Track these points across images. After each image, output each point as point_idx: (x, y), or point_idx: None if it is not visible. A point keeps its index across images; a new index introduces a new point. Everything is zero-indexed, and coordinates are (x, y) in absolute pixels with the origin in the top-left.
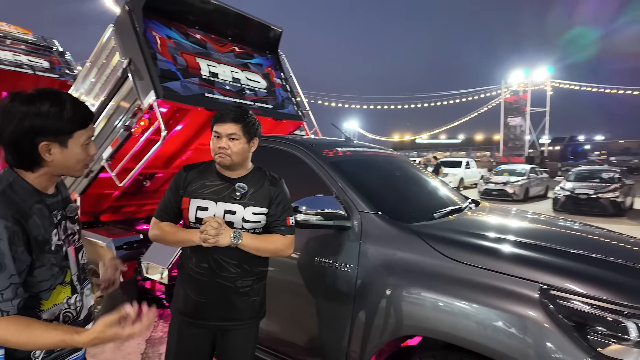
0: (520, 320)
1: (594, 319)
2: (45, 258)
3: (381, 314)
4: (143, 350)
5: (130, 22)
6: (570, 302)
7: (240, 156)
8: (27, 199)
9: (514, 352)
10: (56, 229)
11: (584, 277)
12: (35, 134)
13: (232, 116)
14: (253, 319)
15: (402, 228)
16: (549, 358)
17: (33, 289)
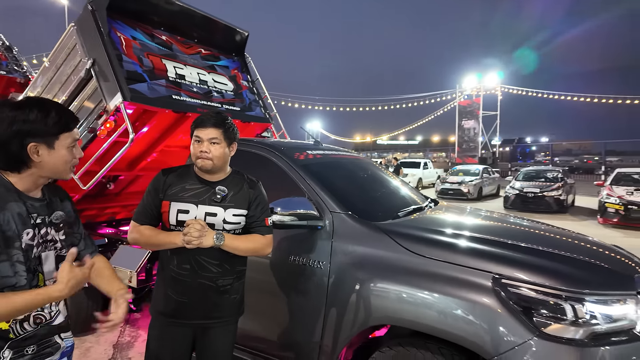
0: (475, 306)
1: (538, 303)
2: (9, 253)
3: (352, 307)
4: (111, 356)
5: (93, 21)
6: (518, 289)
7: (221, 160)
8: (4, 196)
9: (471, 336)
10: (31, 230)
11: (530, 267)
12: (23, 136)
13: (213, 121)
14: (233, 316)
15: (371, 226)
16: (501, 339)
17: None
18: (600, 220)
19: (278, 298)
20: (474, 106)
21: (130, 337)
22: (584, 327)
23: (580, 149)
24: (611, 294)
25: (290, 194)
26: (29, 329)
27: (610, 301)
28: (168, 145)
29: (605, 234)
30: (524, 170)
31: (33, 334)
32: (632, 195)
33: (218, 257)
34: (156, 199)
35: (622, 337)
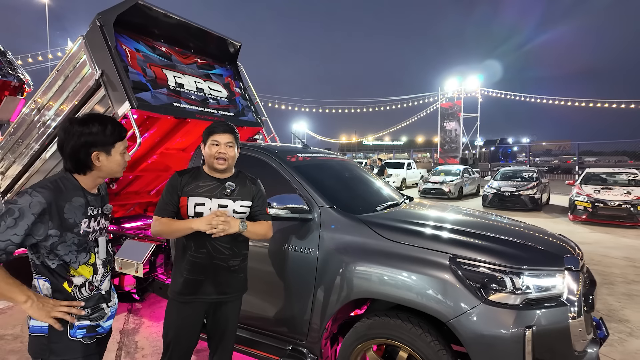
0: (436, 280)
1: (485, 276)
2: (67, 236)
3: (337, 285)
4: (119, 339)
5: (102, 36)
6: (469, 266)
7: (234, 160)
8: (71, 191)
9: (432, 304)
10: (87, 219)
11: (479, 248)
12: (89, 146)
13: (228, 128)
14: (240, 292)
15: (353, 218)
16: (455, 306)
17: (60, 257)
18: (570, 217)
19: (274, 281)
20: (455, 108)
21: (134, 324)
22: (520, 295)
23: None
24: (542, 269)
25: (284, 191)
26: (84, 293)
27: (541, 275)
28: (167, 148)
29: (574, 230)
30: (502, 170)
31: (88, 297)
32: (599, 194)
33: (229, 242)
34: (175, 196)
35: (551, 303)
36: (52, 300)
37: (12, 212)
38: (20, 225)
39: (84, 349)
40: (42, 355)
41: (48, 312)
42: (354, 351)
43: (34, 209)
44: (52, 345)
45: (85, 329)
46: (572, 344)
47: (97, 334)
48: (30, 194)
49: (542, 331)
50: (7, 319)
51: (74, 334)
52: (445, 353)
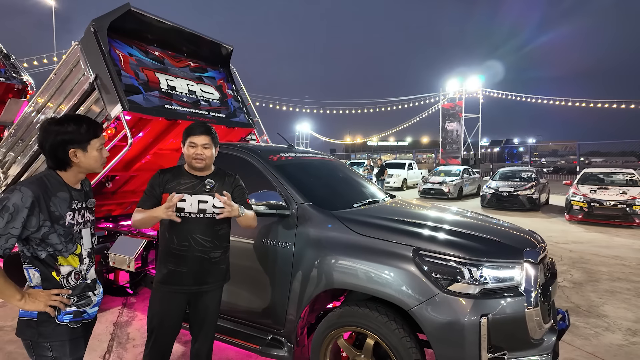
0: (400, 271)
1: (445, 267)
2: (55, 228)
3: (311, 277)
4: (112, 331)
5: (95, 41)
6: (431, 257)
7: (211, 159)
8: (56, 186)
9: (396, 293)
10: (72, 212)
11: (441, 241)
12: (66, 143)
13: (204, 130)
14: (221, 282)
15: (327, 214)
16: (416, 295)
17: (49, 247)
18: (567, 217)
19: (254, 274)
20: (457, 109)
21: (127, 317)
22: (477, 285)
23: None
24: (500, 262)
25: (265, 189)
26: (71, 282)
27: (500, 267)
28: (160, 149)
29: (569, 229)
30: (501, 170)
31: (75, 286)
32: (595, 194)
33: (210, 235)
34: (156, 190)
35: (508, 293)
36: (42, 292)
37: (8, 209)
38: (17, 219)
39: (70, 333)
40: (32, 338)
41: (45, 302)
42: (326, 338)
43: (26, 202)
44: (40, 328)
45: (71, 314)
46: (529, 332)
47: (83, 319)
48: (20, 190)
49: (498, 319)
50: (6, 311)
51: (60, 319)
52: (410, 340)
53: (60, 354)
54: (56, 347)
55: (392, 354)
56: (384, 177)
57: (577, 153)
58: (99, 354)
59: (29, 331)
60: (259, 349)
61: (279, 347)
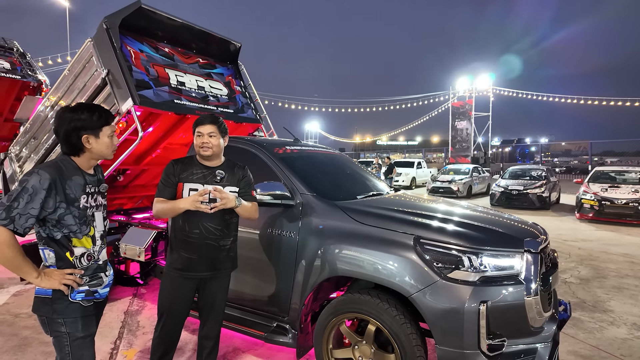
0: (401, 259)
1: (445, 255)
2: (71, 210)
3: (314, 265)
4: (123, 319)
5: (108, 38)
6: (431, 246)
7: (218, 148)
8: (71, 171)
9: (396, 280)
10: (86, 196)
11: (441, 230)
12: (79, 130)
13: (210, 120)
14: (229, 269)
15: (330, 204)
16: (417, 281)
17: (65, 228)
18: (577, 215)
19: (260, 263)
20: (467, 107)
21: (138, 306)
22: (477, 273)
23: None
24: (501, 250)
25: (270, 180)
26: (83, 263)
27: (499, 255)
28: (170, 143)
29: (579, 228)
30: (510, 168)
31: (87, 266)
32: (607, 192)
33: (220, 223)
34: (173, 181)
35: (508, 282)
36: (57, 271)
37: (27, 190)
38: (36, 200)
39: (83, 310)
40: (47, 314)
41: (59, 280)
42: (328, 325)
43: (44, 184)
44: (54, 305)
45: (84, 293)
46: (528, 320)
47: (94, 298)
48: (38, 173)
49: (497, 307)
50: (23, 300)
51: (73, 297)
52: (410, 327)
53: (73, 330)
54: (69, 323)
55: (393, 340)
56: (392, 176)
57: (590, 152)
58: (111, 340)
59: (44, 308)
60: (265, 335)
61: (284, 334)
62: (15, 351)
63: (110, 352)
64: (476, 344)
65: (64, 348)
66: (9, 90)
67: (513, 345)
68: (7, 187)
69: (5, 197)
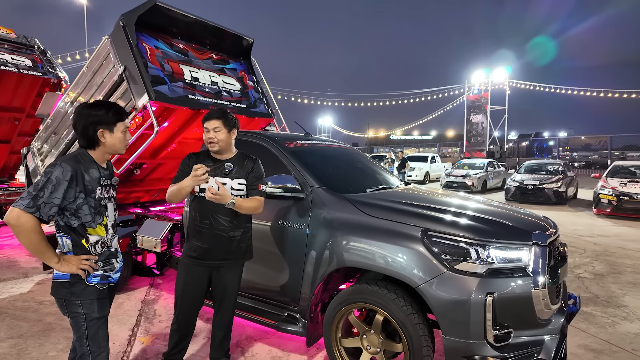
0: (408, 250)
1: (452, 247)
2: (88, 200)
3: (323, 256)
4: (140, 308)
5: (124, 35)
6: (438, 238)
7: (224, 142)
8: (88, 163)
9: (404, 271)
10: (100, 187)
11: (449, 223)
12: (95, 124)
13: (215, 115)
14: (239, 259)
15: (340, 197)
16: (424, 273)
17: (81, 218)
18: (594, 210)
19: (272, 254)
20: (482, 101)
21: (154, 296)
22: (484, 265)
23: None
24: (508, 243)
25: (281, 173)
26: (98, 250)
27: (507, 247)
28: (185, 138)
29: (596, 223)
30: (526, 163)
31: (101, 252)
32: (625, 187)
33: (229, 215)
34: (188, 170)
35: (515, 274)
36: (74, 257)
37: (51, 181)
38: (59, 190)
39: (98, 293)
40: (65, 297)
41: (77, 265)
42: (337, 314)
43: (66, 176)
44: (72, 288)
45: (99, 277)
46: (536, 312)
47: (108, 282)
48: (60, 165)
49: (504, 298)
50: (46, 288)
51: (90, 280)
52: (417, 317)
53: (89, 311)
54: (86, 304)
55: (400, 329)
56: (405, 170)
57: (609, 146)
58: (129, 327)
59: (63, 291)
60: (275, 324)
61: (294, 323)
62: (40, 336)
63: (128, 338)
64: (482, 335)
65: (80, 327)
66: (31, 87)
67: (520, 336)
68: (29, 181)
69: (31, 187)
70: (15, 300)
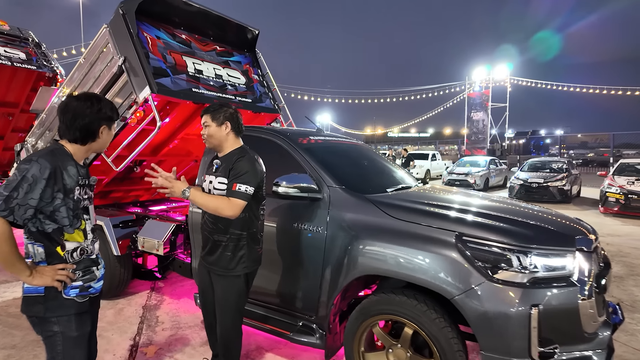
0: (441, 257)
1: (491, 254)
2: (67, 201)
3: (344, 263)
4: (141, 314)
5: (124, 23)
6: (475, 244)
7: (213, 137)
8: (65, 160)
9: (437, 281)
10: (79, 187)
11: (486, 227)
12: (101, 119)
13: (205, 110)
14: (224, 269)
15: (361, 198)
16: (460, 282)
17: (57, 222)
18: (601, 209)
19: (284, 259)
20: (483, 98)
21: (156, 300)
22: (527, 274)
23: (596, 141)
24: (552, 249)
25: (295, 172)
26: (76, 258)
27: (550, 254)
28: (187, 134)
29: (604, 222)
30: (530, 161)
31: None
32: (633, 185)
33: (213, 217)
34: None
35: (560, 283)
36: (48, 267)
37: (27, 180)
38: (36, 190)
39: (77, 307)
40: (38, 314)
41: (52, 277)
42: (360, 326)
43: (44, 174)
44: (47, 303)
45: (78, 288)
46: (582, 325)
47: (89, 293)
48: (37, 161)
49: (550, 311)
50: None
51: (67, 293)
52: (451, 330)
53: (66, 329)
54: (63, 321)
55: (432, 344)
56: (409, 168)
57: (611, 144)
58: (130, 335)
59: (36, 307)
60: (290, 335)
61: (310, 334)
62: (34, 346)
63: (130, 349)
64: (526, 351)
65: (55, 348)
66: (25, 80)
67: (565, 352)
68: None
69: (1, 186)
70: (8, 305)
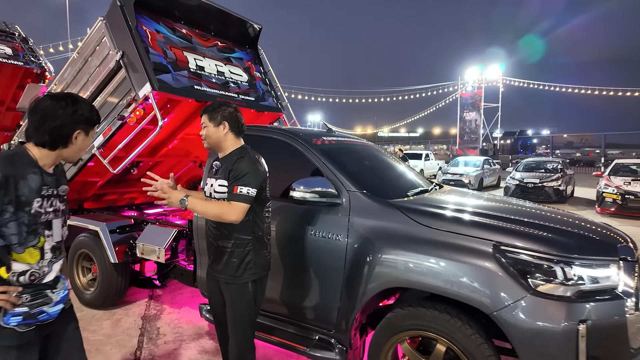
0: (478, 269)
1: (533, 266)
2: (19, 215)
3: (368, 274)
4: (141, 325)
5: (122, 16)
6: (515, 254)
7: (210, 138)
8: (26, 167)
9: (474, 294)
10: (41, 199)
11: (526, 235)
12: (77, 123)
13: (203, 110)
14: (231, 277)
15: (384, 203)
16: (500, 296)
17: (5, 238)
18: (598, 209)
19: (300, 268)
20: (476, 98)
21: (156, 310)
22: (571, 286)
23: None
24: (596, 259)
25: (308, 174)
26: (23, 282)
27: (594, 265)
28: (187, 133)
29: None
30: (525, 161)
31: (27, 285)
32: (630, 185)
33: (215, 222)
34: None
35: (605, 296)
36: None
37: None
38: None
39: (18, 337)
40: None
41: None
42: (388, 342)
43: None
44: None
45: (21, 316)
46: (629, 340)
47: (38, 321)
48: None
49: (597, 326)
50: None
51: (6, 322)
52: (488, 347)
53: None
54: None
55: None
56: None
57: (603, 144)
58: (130, 350)
59: None
60: (307, 350)
61: (329, 349)
62: None
63: None
64: None
65: None
66: (12, 77)
67: None
68: None
69: None
70: None
